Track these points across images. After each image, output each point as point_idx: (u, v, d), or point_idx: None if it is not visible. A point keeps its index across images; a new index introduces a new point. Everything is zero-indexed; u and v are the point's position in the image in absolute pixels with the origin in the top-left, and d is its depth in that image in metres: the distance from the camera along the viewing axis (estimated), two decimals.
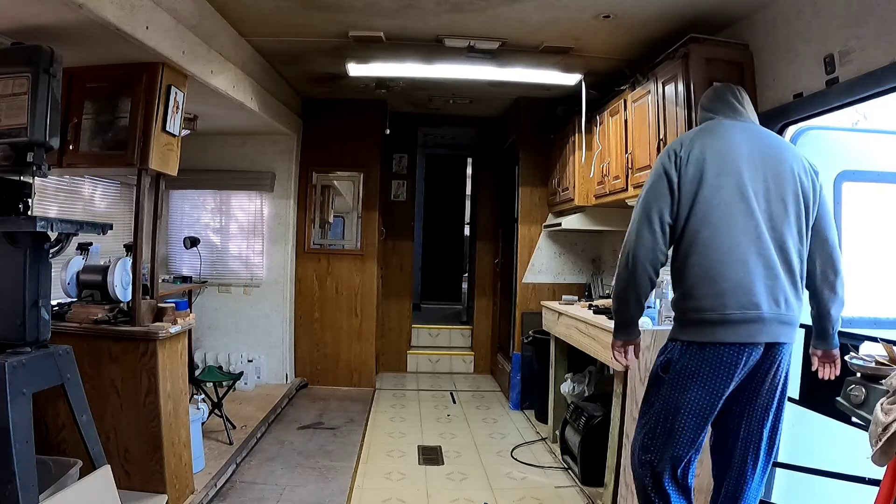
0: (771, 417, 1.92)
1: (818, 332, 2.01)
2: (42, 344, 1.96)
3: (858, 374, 1.75)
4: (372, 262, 5.24)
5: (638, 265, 1.90)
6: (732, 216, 1.81)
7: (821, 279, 1.95)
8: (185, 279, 4.75)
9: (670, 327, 2.07)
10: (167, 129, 2.69)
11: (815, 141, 2.65)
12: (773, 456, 1.96)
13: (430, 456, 3.65)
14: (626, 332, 2.05)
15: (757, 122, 2.06)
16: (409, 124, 5.84)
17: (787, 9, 2.55)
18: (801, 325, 1.98)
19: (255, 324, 5.00)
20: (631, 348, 2.08)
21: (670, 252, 1.95)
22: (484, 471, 3.44)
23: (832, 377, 2.02)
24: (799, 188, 1.87)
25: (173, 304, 2.77)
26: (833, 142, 2.66)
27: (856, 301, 2.53)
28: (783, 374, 1.90)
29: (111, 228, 2.16)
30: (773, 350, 1.83)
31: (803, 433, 2.60)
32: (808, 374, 2.38)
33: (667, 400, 1.91)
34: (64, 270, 2.74)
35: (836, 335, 2.01)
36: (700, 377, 1.83)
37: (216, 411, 3.61)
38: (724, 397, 1.85)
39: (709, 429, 1.95)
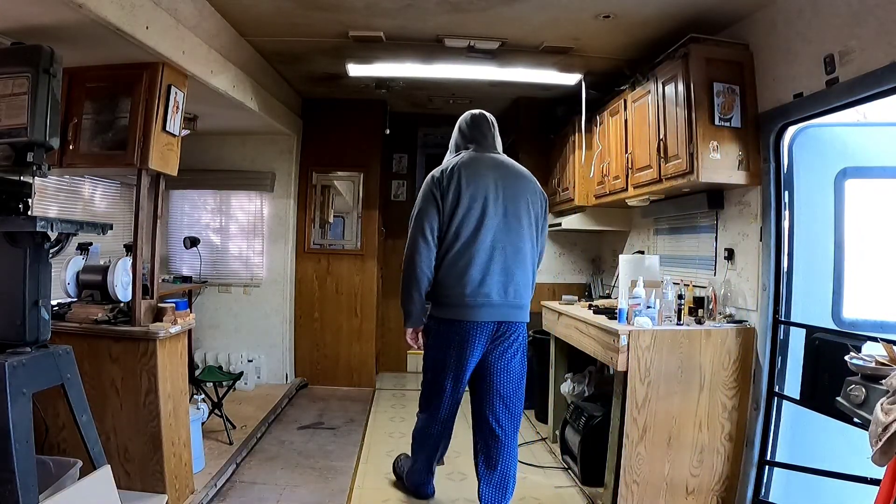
0: (514, 384, 2.64)
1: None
2: (42, 344, 1.96)
3: (858, 375, 1.75)
4: (372, 262, 5.24)
5: (417, 268, 2.53)
6: (477, 231, 2.49)
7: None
8: (185, 279, 4.75)
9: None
10: (167, 129, 2.68)
11: (816, 138, 2.64)
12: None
13: None
14: (413, 320, 2.65)
15: (500, 148, 2.76)
16: (409, 124, 5.84)
17: (787, 9, 2.55)
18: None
19: (255, 324, 5.01)
20: (419, 334, 2.70)
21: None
22: None
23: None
24: (531, 208, 2.60)
25: (173, 304, 2.76)
26: (834, 138, 2.64)
27: (860, 303, 2.50)
28: (521, 344, 2.63)
29: (111, 228, 2.16)
30: (505, 326, 2.55)
31: (803, 433, 2.59)
32: (807, 374, 2.39)
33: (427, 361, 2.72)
34: (64, 270, 2.74)
35: None
36: (448, 345, 2.56)
37: (216, 411, 3.61)
38: (468, 363, 2.56)
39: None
